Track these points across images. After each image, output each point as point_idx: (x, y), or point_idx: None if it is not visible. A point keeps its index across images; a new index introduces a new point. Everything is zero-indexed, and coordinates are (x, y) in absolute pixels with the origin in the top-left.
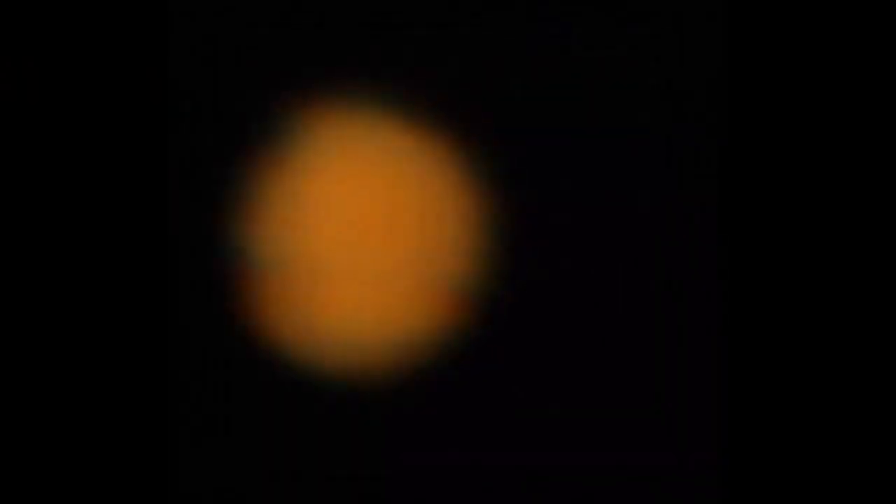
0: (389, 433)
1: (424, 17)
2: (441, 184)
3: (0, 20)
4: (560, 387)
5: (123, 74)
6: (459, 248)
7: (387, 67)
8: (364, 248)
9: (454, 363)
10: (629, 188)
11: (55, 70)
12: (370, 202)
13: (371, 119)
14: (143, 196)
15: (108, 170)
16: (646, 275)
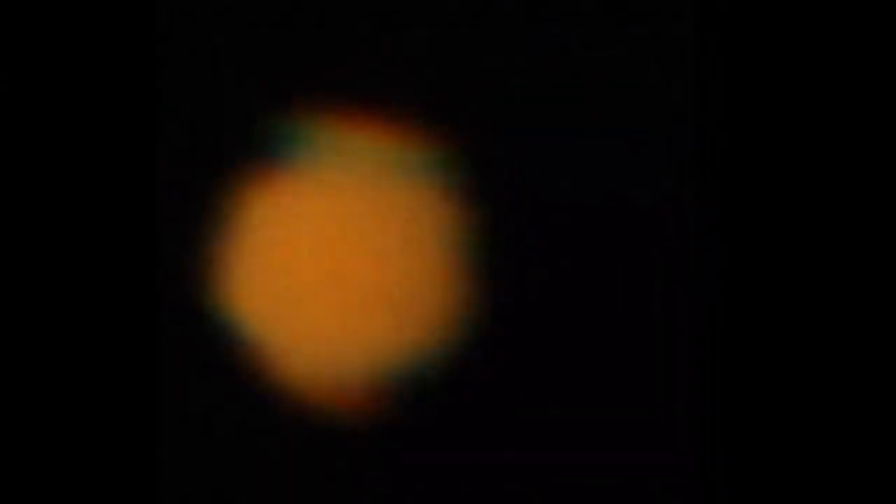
0: (378, 445)
1: (414, 26)
2: (431, 193)
3: None
4: (553, 390)
5: (112, 89)
6: (449, 252)
7: (373, 79)
8: (354, 259)
9: (444, 373)
10: (617, 190)
11: (42, 84)
12: (360, 213)
13: (359, 131)
14: (132, 209)
15: (97, 181)
16: (634, 277)
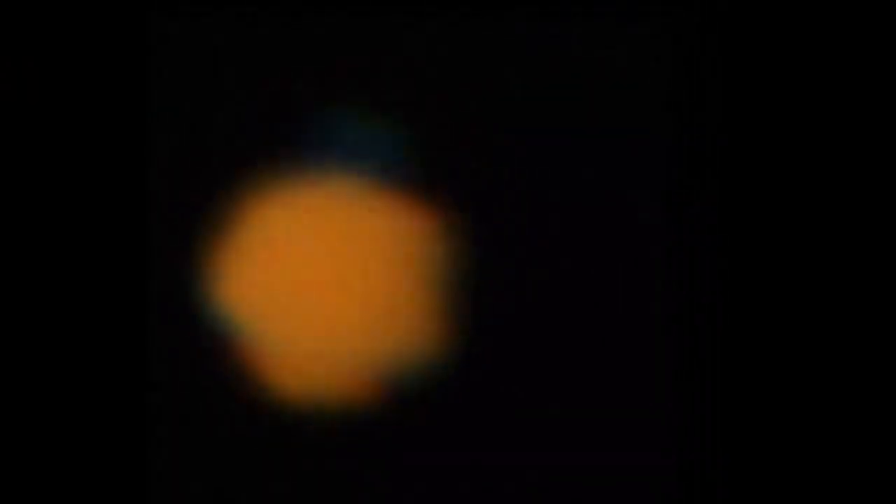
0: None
1: (395, 58)
2: (415, 203)
3: None
4: (542, 392)
5: (101, 97)
6: (437, 261)
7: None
8: (344, 267)
9: (433, 377)
10: (598, 192)
11: (31, 87)
12: (349, 222)
13: (337, 164)
14: (122, 218)
15: (86, 187)
16: (619, 280)
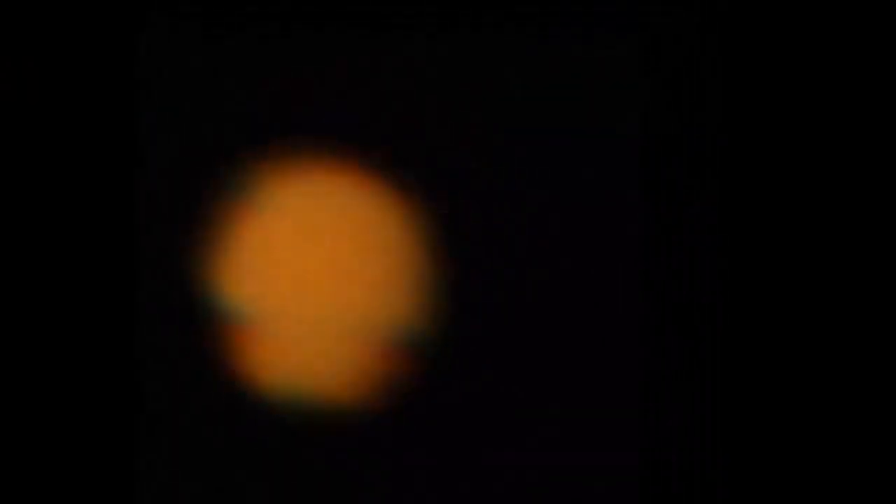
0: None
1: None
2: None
3: None
4: (521, 395)
5: (90, 103)
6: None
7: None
8: (325, 271)
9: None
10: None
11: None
12: (329, 228)
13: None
14: (111, 238)
15: (73, 192)
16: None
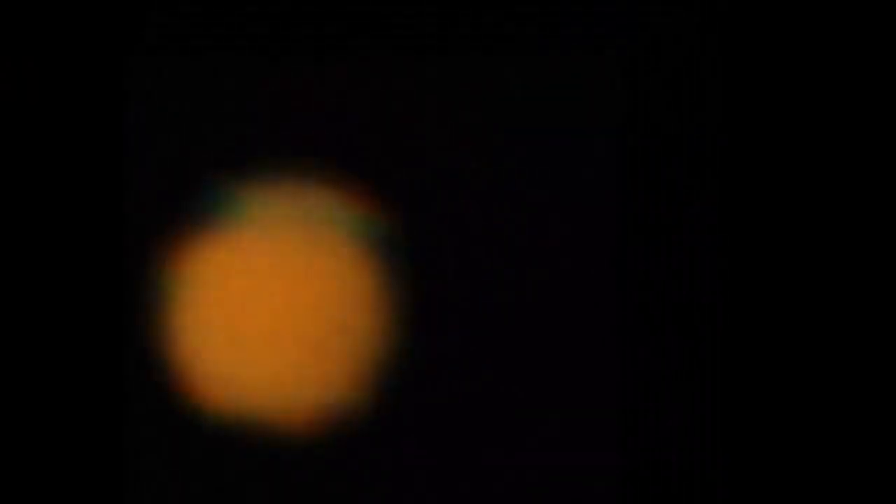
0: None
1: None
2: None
3: None
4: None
5: (76, 114)
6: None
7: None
8: (296, 305)
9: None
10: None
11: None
12: (299, 262)
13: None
14: (98, 253)
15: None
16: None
